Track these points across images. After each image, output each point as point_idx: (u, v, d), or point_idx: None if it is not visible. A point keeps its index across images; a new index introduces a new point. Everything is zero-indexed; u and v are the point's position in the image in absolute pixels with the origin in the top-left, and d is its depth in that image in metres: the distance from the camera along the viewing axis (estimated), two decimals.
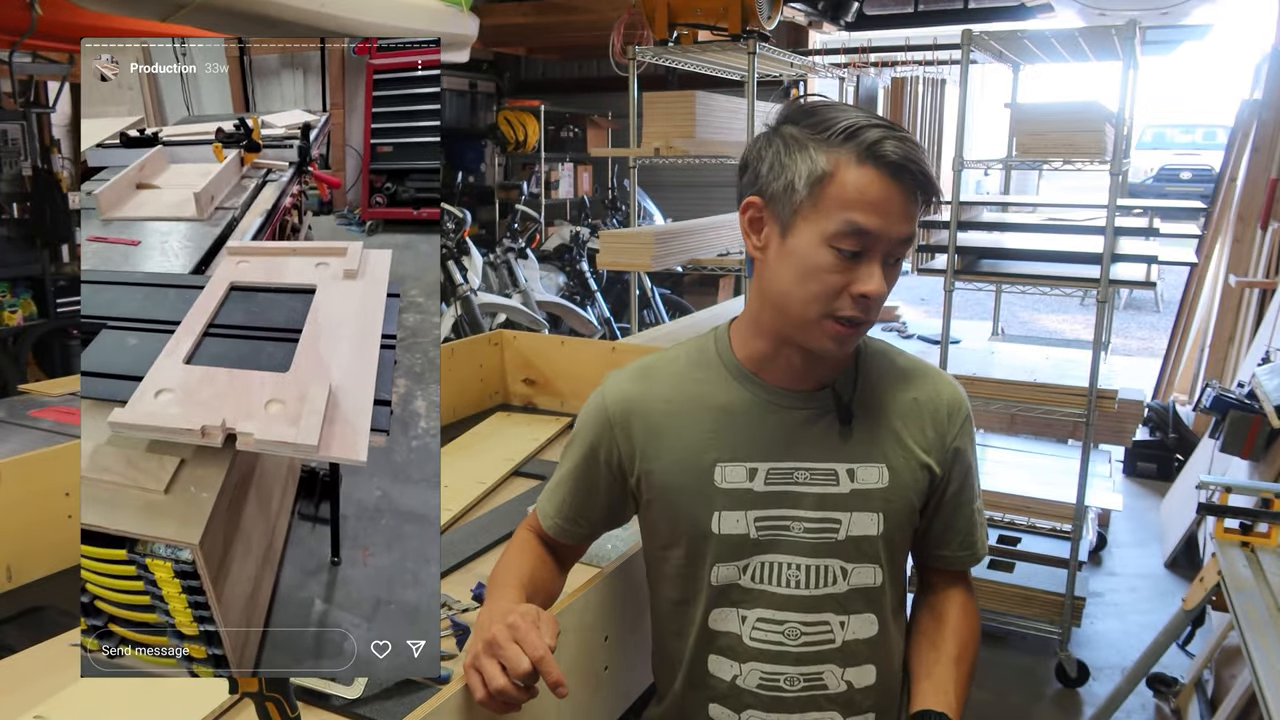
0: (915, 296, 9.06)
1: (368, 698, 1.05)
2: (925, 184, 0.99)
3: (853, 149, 0.97)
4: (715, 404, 1.10)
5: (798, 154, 1.00)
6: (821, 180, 0.98)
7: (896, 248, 1.01)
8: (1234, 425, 2.91)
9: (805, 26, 7.01)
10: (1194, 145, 14.31)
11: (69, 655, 1.16)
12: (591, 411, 1.15)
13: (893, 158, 0.97)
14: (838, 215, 0.97)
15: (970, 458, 1.16)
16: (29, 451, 1.45)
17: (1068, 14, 4.92)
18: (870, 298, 0.99)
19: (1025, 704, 2.79)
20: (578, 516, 1.17)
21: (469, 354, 2.31)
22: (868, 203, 0.97)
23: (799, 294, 1.01)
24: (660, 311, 6.08)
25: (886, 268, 1.01)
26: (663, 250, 2.96)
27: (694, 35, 3.01)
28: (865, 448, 1.09)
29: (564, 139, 8.01)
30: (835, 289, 1.00)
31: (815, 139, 0.99)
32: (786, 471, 1.08)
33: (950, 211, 2.79)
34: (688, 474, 1.09)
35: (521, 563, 1.13)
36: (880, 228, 0.98)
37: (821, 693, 1.11)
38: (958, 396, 1.15)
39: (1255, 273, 4.29)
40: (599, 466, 1.14)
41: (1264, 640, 1.75)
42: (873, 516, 1.09)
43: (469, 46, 4.63)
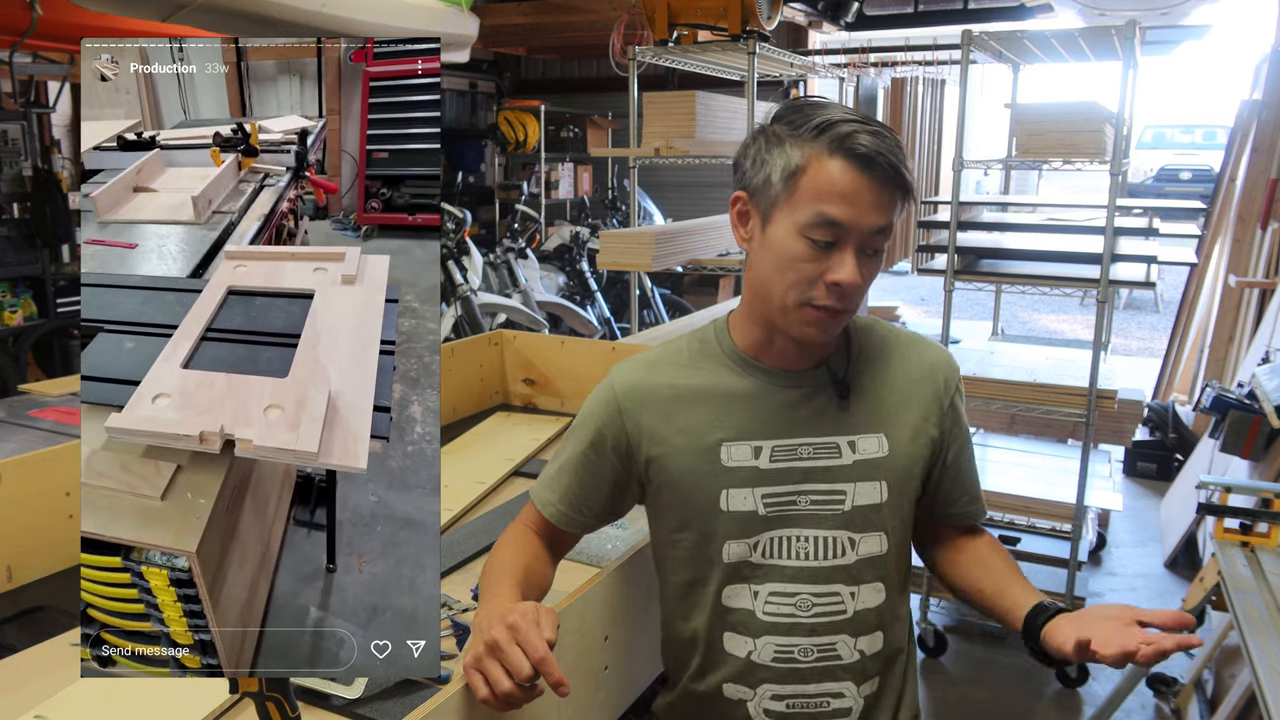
0: (915, 296, 9.05)
1: (368, 698, 1.06)
2: (896, 177, 1.02)
3: (824, 143, 1.02)
4: (718, 389, 1.14)
5: (776, 149, 1.05)
6: (795, 173, 1.03)
7: (871, 239, 1.04)
8: (1234, 425, 2.91)
9: (805, 26, 7.02)
10: (1194, 145, 14.31)
11: (69, 655, 1.16)
12: (599, 399, 1.18)
13: (862, 150, 1.00)
14: (810, 206, 1.02)
15: (964, 416, 1.21)
16: (29, 451, 1.45)
17: (1068, 14, 4.92)
18: (843, 286, 1.03)
19: (1025, 704, 2.79)
20: (580, 504, 1.17)
21: (469, 354, 2.31)
22: (838, 194, 1.01)
23: (778, 282, 1.06)
24: (660, 311, 6.09)
25: (864, 258, 1.05)
26: (663, 250, 2.96)
27: (694, 35, 3.01)
28: (864, 419, 1.14)
29: (564, 139, 8.00)
30: (810, 277, 1.04)
31: (792, 135, 1.04)
32: (790, 448, 1.12)
33: (950, 211, 2.79)
34: (695, 456, 1.12)
35: (516, 559, 1.13)
36: (850, 218, 1.01)
37: (836, 663, 1.14)
38: (946, 359, 1.20)
39: (1255, 273, 4.29)
40: (605, 453, 1.16)
41: (1264, 640, 1.75)
42: (876, 485, 1.13)
43: (469, 46, 4.63)
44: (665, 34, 2.92)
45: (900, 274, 8.55)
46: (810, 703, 1.15)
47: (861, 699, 1.16)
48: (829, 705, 1.15)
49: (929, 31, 5.66)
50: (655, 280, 6.22)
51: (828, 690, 1.15)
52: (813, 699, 1.15)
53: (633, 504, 1.21)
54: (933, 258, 3.03)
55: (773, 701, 1.15)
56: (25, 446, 1.72)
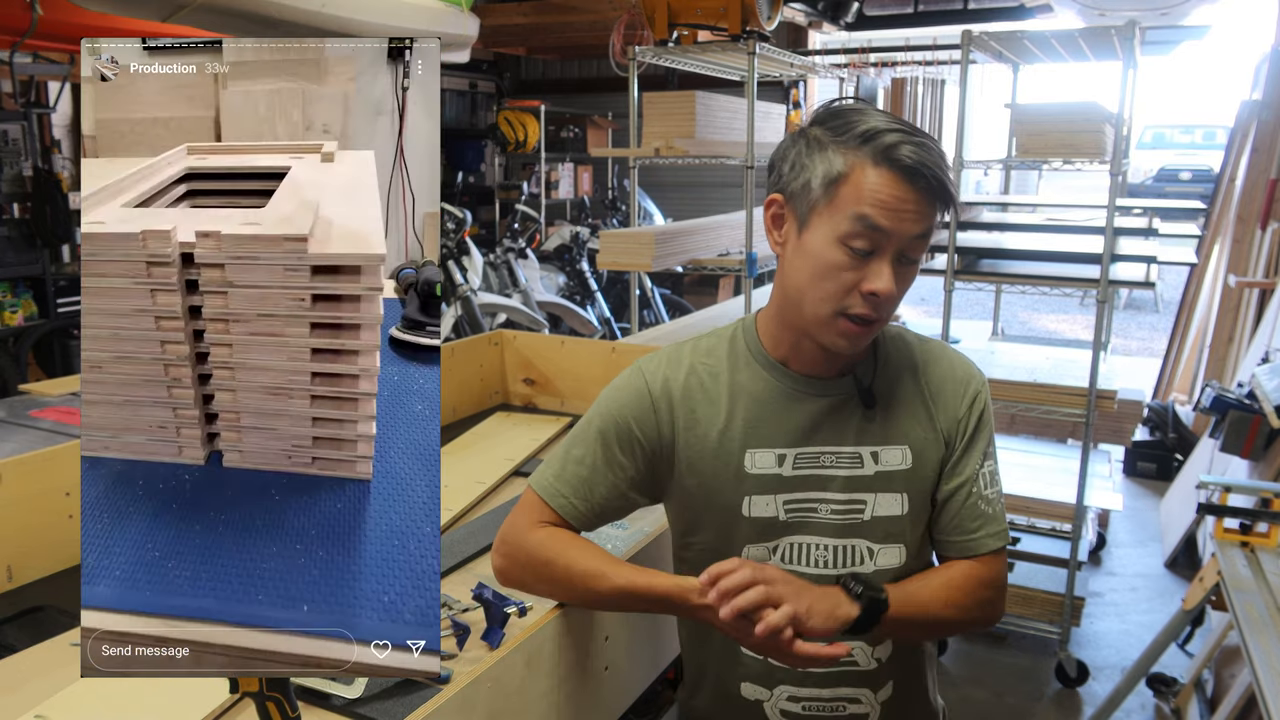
0: (915, 296, 9.06)
1: (368, 698, 1.05)
2: (940, 190, 1.01)
3: (869, 151, 1.00)
4: (745, 392, 1.13)
5: (817, 154, 1.03)
6: (837, 180, 1.01)
7: (910, 246, 1.02)
8: (1234, 425, 2.91)
9: (805, 27, 7.02)
10: (1194, 146, 14.30)
11: (69, 655, 1.16)
12: (631, 391, 1.15)
13: (907, 161, 0.99)
14: (850, 214, 1.00)
15: (983, 440, 1.15)
16: (29, 451, 1.45)
17: (1067, 14, 4.91)
18: (880, 295, 1.01)
19: (1025, 704, 2.79)
20: (592, 498, 1.14)
21: (469, 354, 2.31)
22: (880, 203, 0.99)
23: (813, 292, 1.04)
24: (660, 311, 6.08)
25: (900, 267, 1.03)
26: (663, 250, 2.96)
27: (694, 35, 3.01)
28: (888, 430, 1.12)
29: (564, 139, 8.01)
30: (847, 286, 1.02)
31: (835, 140, 1.02)
32: (813, 456, 1.11)
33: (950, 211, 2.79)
34: (720, 459, 1.12)
35: (591, 546, 1.12)
36: (891, 226, 1.00)
37: (852, 669, 1.14)
38: (975, 374, 1.17)
39: (1255, 273, 4.29)
40: (631, 448, 1.13)
41: (1263, 640, 1.75)
42: (897, 497, 1.12)
43: (469, 46, 4.63)
44: (665, 34, 2.92)
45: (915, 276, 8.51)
46: (826, 706, 1.15)
47: (879, 704, 1.16)
48: (845, 709, 1.16)
49: (929, 31, 5.66)
50: (655, 280, 6.22)
51: (843, 695, 1.15)
52: (828, 703, 1.15)
53: (635, 507, 1.19)
54: (933, 258, 3.03)
55: (789, 703, 1.15)
56: (25, 446, 1.72)
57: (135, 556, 1.00)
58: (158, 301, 0.96)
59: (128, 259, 0.91)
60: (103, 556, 0.98)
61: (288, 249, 0.82)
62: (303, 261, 0.90)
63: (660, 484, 1.16)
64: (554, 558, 1.10)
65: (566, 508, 1.14)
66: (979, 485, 1.14)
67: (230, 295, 0.94)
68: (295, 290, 0.94)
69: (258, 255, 0.83)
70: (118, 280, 0.94)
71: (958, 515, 1.13)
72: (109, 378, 1.03)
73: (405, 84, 1.41)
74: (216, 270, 0.91)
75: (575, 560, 1.09)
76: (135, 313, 0.98)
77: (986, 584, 1.13)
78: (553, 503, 1.14)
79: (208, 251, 0.87)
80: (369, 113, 1.41)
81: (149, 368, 1.03)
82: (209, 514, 1.06)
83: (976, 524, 1.13)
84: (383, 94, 1.43)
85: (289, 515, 1.08)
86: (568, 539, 1.12)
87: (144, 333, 1.00)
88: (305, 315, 0.97)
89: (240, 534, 1.03)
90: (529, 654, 1.06)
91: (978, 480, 1.14)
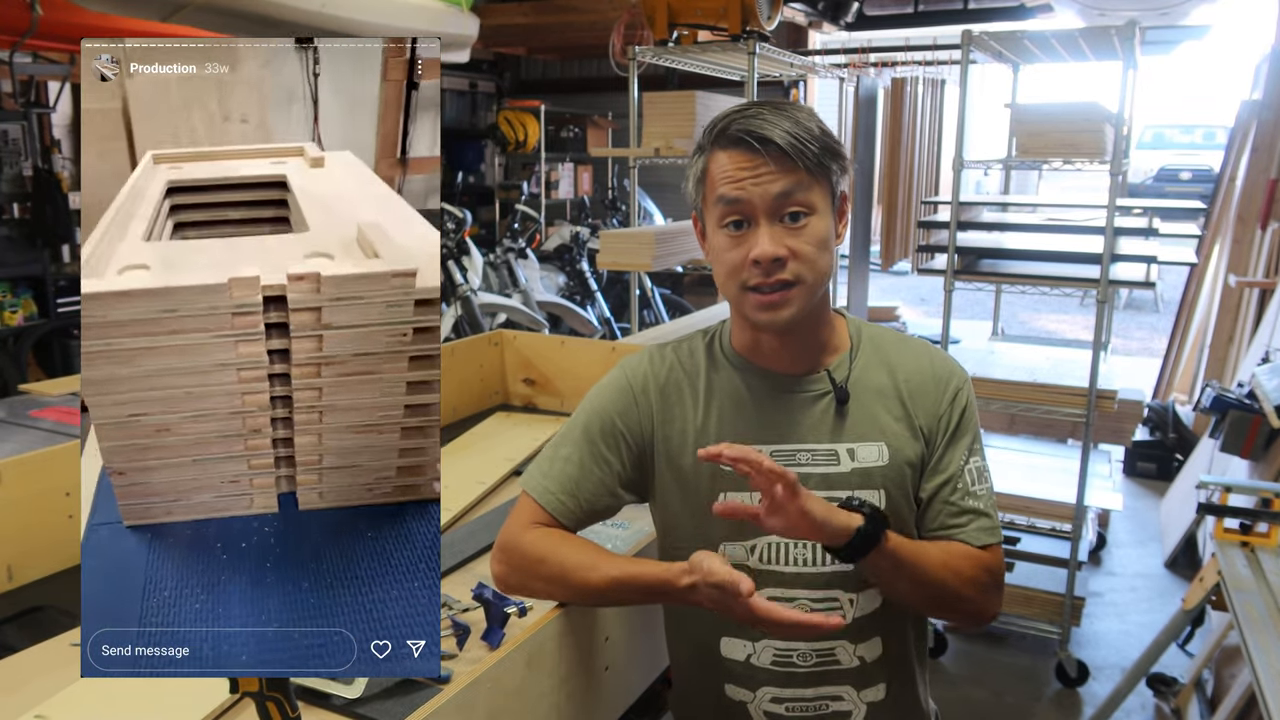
0: (915, 296, 9.05)
1: (368, 698, 1.05)
2: (791, 148, 1.04)
3: (714, 141, 1.09)
4: (721, 391, 1.16)
5: (693, 163, 1.13)
6: (703, 178, 1.12)
7: (779, 205, 1.06)
8: (1234, 425, 2.91)
9: (805, 27, 7.02)
10: (1194, 145, 14.29)
11: (69, 655, 1.16)
12: (614, 388, 1.19)
13: (738, 134, 1.06)
14: (714, 200, 1.09)
15: (967, 436, 1.14)
16: (29, 451, 1.45)
17: (1068, 14, 4.91)
18: (761, 260, 1.05)
19: (1025, 704, 2.79)
20: (579, 495, 1.15)
21: (469, 354, 2.31)
22: (728, 178, 1.07)
23: (721, 279, 1.11)
24: (660, 311, 6.08)
25: (785, 228, 1.06)
26: (663, 250, 2.96)
27: (694, 35, 3.01)
28: (863, 427, 1.13)
29: (564, 139, 8.01)
30: (737, 264, 1.08)
31: (700, 145, 1.12)
32: (789, 453, 1.12)
33: (950, 211, 2.79)
34: (696, 456, 1.10)
35: (583, 541, 1.13)
36: (743, 194, 1.06)
37: (834, 668, 1.14)
38: (955, 370, 1.17)
39: (1255, 273, 4.29)
40: (615, 444, 1.16)
41: (1264, 640, 1.75)
42: (875, 494, 1.12)
43: (469, 46, 4.64)
44: (665, 34, 2.92)
45: (900, 274, 8.54)
46: (809, 706, 1.15)
47: (864, 704, 1.16)
48: (828, 708, 1.15)
49: (929, 31, 5.66)
50: (655, 280, 6.22)
51: (825, 694, 1.15)
52: (811, 703, 1.15)
53: (623, 505, 1.20)
54: (933, 258, 3.03)
55: (773, 704, 1.15)
56: (25, 446, 1.72)
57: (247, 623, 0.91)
58: (240, 352, 0.88)
59: (213, 312, 0.81)
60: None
61: (395, 285, 0.74)
62: (409, 296, 0.82)
63: (645, 480, 1.18)
64: (547, 554, 1.10)
65: (556, 505, 1.15)
66: (964, 481, 1.13)
67: (326, 338, 0.86)
68: (398, 326, 0.88)
69: (362, 295, 0.75)
70: (196, 336, 0.84)
71: (943, 511, 1.13)
72: (179, 440, 0.94)
73: (316, 70, 1.35)
74: (310, 314, 0.82)
75: (567, 555, 1.10)
76: (216, 368, 0.89)
77: (984, 569, 1.11)
78: (543, 501, 1.15)
79: (303, 296, 0.77)
80: (283, 100, 1.35)
81: (227, 422, 0.94)
82: (310, 565, 0.97)
83: (965, 519, 1.12)
84: (292, 80, 1.35)
85: (388, 549, 1.01)
86: (559, 536, 1.13)
87: (223, 386, 0.91)
88: (405, 350, 0.90)
89: (351, 581, 0.97)
90: (529, 654, 1.06)
91: (963, 476, 1.13)
